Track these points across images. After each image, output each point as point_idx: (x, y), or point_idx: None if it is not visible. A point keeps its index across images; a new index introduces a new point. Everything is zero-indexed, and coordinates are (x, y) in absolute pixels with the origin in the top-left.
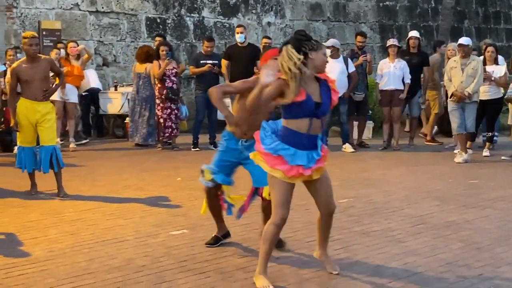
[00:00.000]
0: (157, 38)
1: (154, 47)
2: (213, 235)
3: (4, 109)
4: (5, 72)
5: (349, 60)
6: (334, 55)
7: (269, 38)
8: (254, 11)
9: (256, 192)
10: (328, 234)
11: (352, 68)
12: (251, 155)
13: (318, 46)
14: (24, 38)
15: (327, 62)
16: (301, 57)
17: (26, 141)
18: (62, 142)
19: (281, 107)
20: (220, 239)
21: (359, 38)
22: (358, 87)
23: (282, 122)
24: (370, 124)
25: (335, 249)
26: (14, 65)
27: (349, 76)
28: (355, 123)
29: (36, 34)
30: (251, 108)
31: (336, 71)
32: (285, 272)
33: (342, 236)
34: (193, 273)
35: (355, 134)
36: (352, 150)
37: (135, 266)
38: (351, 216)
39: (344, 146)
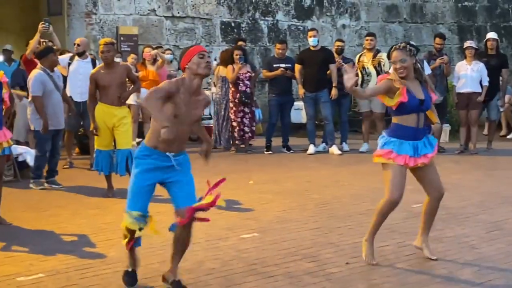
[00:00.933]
0: (240, 42)
1: None
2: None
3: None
4: None
5: (425, 62)
6: None
7: (342, 41)
8: (328, 13)
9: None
10: (432, 221)
11: (428, 71)
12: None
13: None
14: (100, 45)
15: None
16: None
17: (103, 145)
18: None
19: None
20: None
21: (437, 40)
22: (436, 89)
23: (393, 119)
24: (446, 127)
25: (406, 254)
26: (93, 71)
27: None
28: (432, 126)
29: (109, 41)
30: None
31: None
32: (354, 278)
33: (413, 241)
34: (262, 277)
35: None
36: None
37: (205, 268)
38: None
39: None
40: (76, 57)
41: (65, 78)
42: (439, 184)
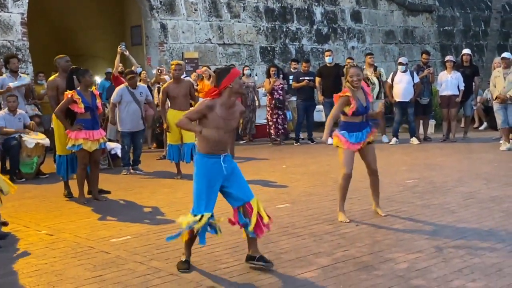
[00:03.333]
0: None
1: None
2: (183, 259)
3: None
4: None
5: (414, 73)
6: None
7: (352, 58)
8: (341, 38)
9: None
10: (377, 191)
11: (416, 79)
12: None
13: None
14: (172, 65)
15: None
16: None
17: (174, 140)
18: None
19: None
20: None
21: (424, 56)
22: (423, 93)
23: (342, 118)
24: (432, 122)
25: (402, 217)
26: (164, 85)
27: (415, 85)
28: (421, 121)
29: (179, 62)
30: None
31: (404, 81)
32: (362, 236)
33: (408, 208)
34: (292, 236)
35: (421, 130)
36: (418, 142)
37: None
38: (415, 193)
39: (411, 139)
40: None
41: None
42: (373, 163)
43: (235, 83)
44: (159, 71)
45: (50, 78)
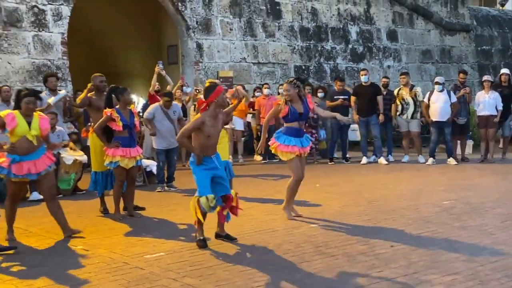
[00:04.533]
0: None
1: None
2: (201, 238)
3: None
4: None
5: (451, 92)
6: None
7: (387, 77)
8: (376, 57)
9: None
10: (294, 194)
11: (454, 99)
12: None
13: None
14: (206, 84)
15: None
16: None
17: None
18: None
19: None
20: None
21: (461, 75)
22: (461, 113)
23: (285, 124)
24: (470, 142)
25: (438, 239)
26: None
27: (452, 105)
28: (459, 142)
29: (214, 81)
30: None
31: (441, 101)
32: (397, 257)
33: (444, 229)
34: (326, 256)
35: (458, 150)
36: (455, 162)
37: (283, 249)
38: (452, 214)
39: (448, 159)
40: None
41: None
42: (303, 171)
43: (219, 98)
44: (197, 90)
45: (84, 94)
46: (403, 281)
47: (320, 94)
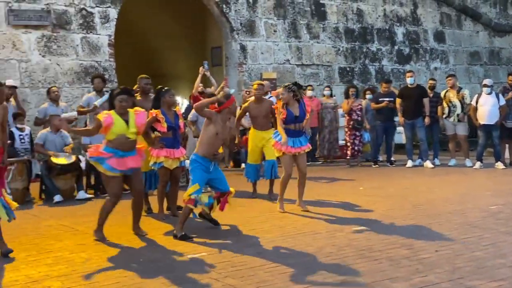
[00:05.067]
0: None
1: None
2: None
3: None
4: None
5: (500, 95)
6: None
7: (434, 79)
8: (423, 59)
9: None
10: (303, 191)
11: (502, 102)
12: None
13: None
14: (254, 85)
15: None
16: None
17: (253, 160)
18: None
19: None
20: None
21: (510, 77)
22: (509, 116)
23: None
24: None
25: (483, 244)
26: (245, 104)
27: (500, 108)
28: (507, 145)
29: (262, 82)
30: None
31: (489, 103)
32: (442, 262)
33: (490, 235)
34: (369, 260)
35: (506, 154)
36: (503, 167)
37: (325, 252)
38: (499, 219)
39: (496, 163)
40: None
41: None
42: (304, 166)
43: (232, 106)
44: (247, 92)
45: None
46: (447, 286)
47: (368, 96)
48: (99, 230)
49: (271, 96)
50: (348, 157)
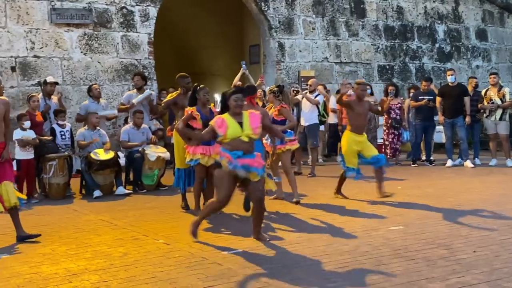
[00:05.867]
0: (390, 87)
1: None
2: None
3: None
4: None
5: None
6: None
7: (475, 77)
8: (465, 57)
9: None
10: (295, 187)
11: None
12: None
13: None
14: (356, 84)
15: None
16: None
17: (353, 163)
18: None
19: None
20: None
21: None
22: None
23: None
24: None
25: None
26: (347, 99)
27: None
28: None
29: (365, 82)
30: None
31: None
32: (479, 262)
33: None
34: (405, 259)
35: None
36: None
37: (360, 251)
38: None
39: None
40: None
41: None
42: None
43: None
44: (295, 91)
45: (170, 95)
46: (485, 287)
47: (390, 92)
48: (195, 225)
49: (318, 94)
50: (388, 156)
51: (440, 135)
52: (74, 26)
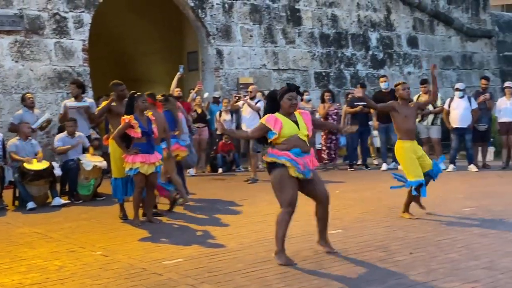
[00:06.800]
0: (326, 94)
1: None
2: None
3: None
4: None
5: (472, 99)
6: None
7: (404, 83)
8: (397, 64)
9: None
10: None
11: (474, 105)
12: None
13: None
14: (398, 84)
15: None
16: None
17: (416, 175)
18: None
19: None
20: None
21: (483, 81)
22: (481, 119)
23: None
24: (491, 149)
25: (458, 246)
26: (394, 103)
27: (473, 111)
28: (480, 148)
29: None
30: None
31: (462, 107)
32: (416, 264)
33: (464, 237)
34: (344, 263)
35: (479, 157)
36: (476, 169)
37: (301, 256)
38: (472, 222)
39: (469, 166)
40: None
41: None
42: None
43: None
44: (236, 98)
45: (102, 105)
46: None
47: (328, 99)
48: (281, 253)
49: (259, 100)
50: (324, 161)
51: (375, 139)
52: (4, 33)
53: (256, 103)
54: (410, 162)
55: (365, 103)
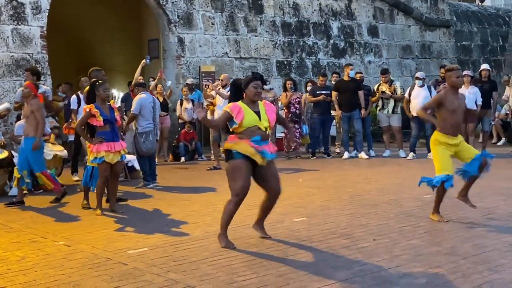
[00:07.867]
0: (288, 82)
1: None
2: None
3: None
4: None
5: (431, 88)
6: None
7: (361, 72)
8: (358, 52)
9: None
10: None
11: (434, 94)
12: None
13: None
14: (450, 70)
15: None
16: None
17: (446, 170)
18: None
19: None
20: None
21: (442, 70)
22: None
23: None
24: None
25: (420, 232)
26: (441, 94)
27: None
28: None
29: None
30: None
31: (421, 96)
32: (380, 250)
33: (426, 223)
34: (310, 250)
35: None
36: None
37: (267, 244)
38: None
39: (429, 154)
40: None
41: None
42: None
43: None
44: (206, 86)
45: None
46: (386, 274)
47: (309, 88)
48: (223, 236)
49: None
50: (286, 150)
51: (336, 128)
52: None
53: (228, 91)
54: (441, 158)
55: (328, 92)
